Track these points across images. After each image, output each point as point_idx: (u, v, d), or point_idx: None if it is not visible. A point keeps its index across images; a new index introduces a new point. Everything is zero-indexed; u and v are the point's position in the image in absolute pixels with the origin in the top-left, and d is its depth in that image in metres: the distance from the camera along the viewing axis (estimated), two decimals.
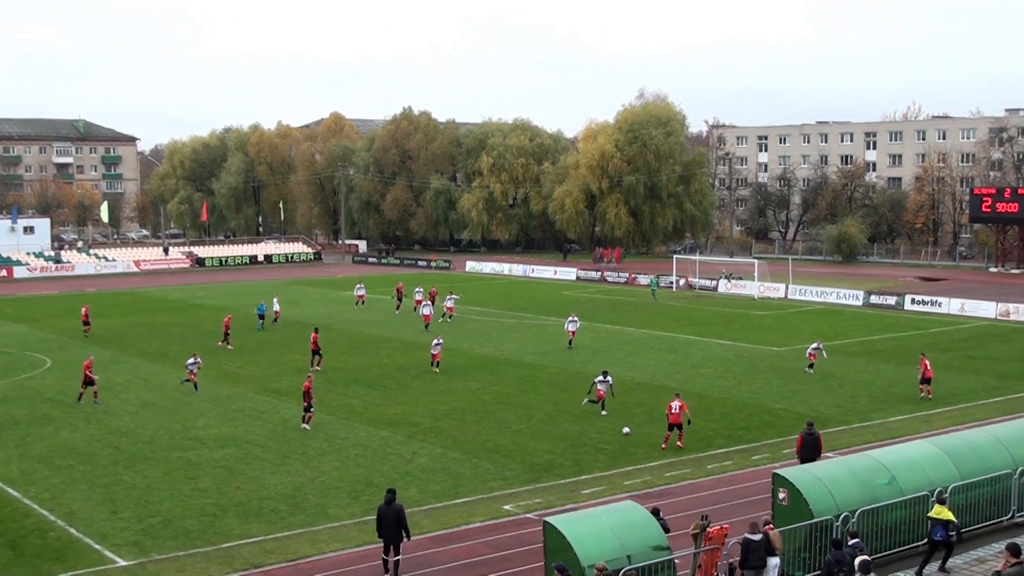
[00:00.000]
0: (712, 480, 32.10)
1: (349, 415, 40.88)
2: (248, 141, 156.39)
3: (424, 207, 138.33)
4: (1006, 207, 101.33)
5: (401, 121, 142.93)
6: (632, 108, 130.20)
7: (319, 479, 32.23)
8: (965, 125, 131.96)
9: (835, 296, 79.87)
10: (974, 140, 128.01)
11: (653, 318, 69.89)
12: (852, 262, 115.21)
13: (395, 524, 24.45)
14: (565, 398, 43.85)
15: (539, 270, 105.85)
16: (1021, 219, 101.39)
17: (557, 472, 32.91)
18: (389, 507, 24.54)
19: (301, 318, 69.72)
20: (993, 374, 49.30)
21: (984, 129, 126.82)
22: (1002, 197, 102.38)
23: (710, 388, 45.90)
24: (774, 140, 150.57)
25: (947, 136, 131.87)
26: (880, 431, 38.00)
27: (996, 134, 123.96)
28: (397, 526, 24.46)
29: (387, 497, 24.76)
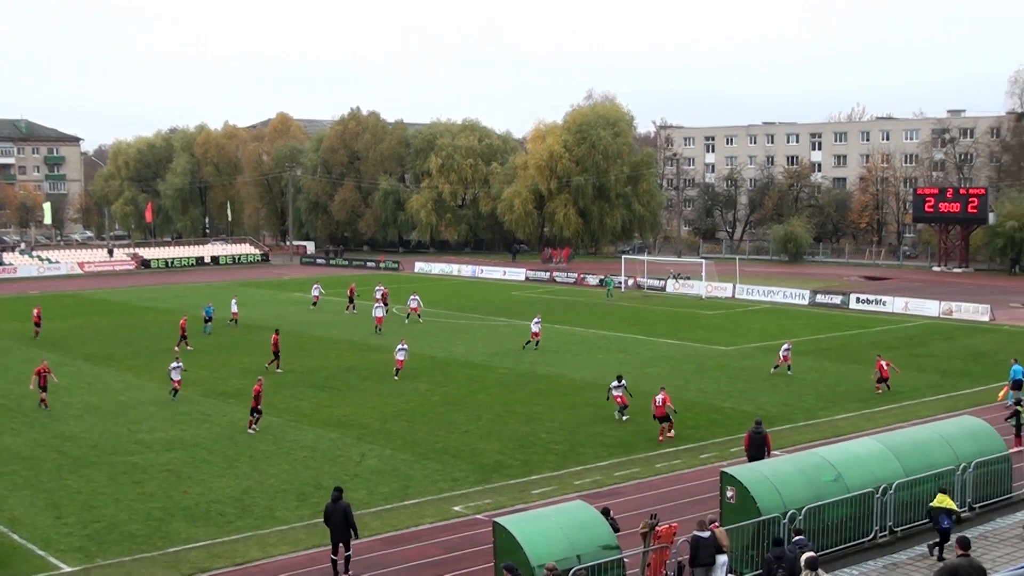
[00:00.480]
0: (661, 479, 32.27)
1: (298, 417, 40.64)
2: (194, 141, 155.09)
3: (373, 208, 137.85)
4: (948, 207, 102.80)
5: (349, 121, 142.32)
6: (580, 109, 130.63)
7: (267, 482, 32.01)
8: (908, 126, 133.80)
9: (782, 295, 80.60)
10: (917, 141, 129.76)
11: (602, 318, 70.14)
12: (798, 262, 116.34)
13: (342, 522, 24.61)
14: (514, 398, 43.89)
15: (488, 271, 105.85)
16: (963, 219, 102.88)
17: (507, 472, 32.93)
18: (336, 505, 24.73)
19: (249, 320, 69.14)
20: (936, 372, 50.00)
21: (927, 130, 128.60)
22: (944, 197, 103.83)
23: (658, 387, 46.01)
24: (721, 141, 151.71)
25: (891, 137, 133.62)
26: (826, 429, 38.40)
27: (938, 135, 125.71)
28: (345, 524, 24.62)
29: (334, 495, 24.97)
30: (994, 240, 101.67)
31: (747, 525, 23.83)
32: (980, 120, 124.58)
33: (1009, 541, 24.65)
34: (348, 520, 24.63)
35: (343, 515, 24.62)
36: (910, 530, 26.28)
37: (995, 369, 50.43)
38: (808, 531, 23.89)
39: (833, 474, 25.82)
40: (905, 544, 25.44)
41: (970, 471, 27.63)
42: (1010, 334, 62.31)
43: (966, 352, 55.80)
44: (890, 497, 25.91)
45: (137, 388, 46.89)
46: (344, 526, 24.64)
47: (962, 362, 52.83)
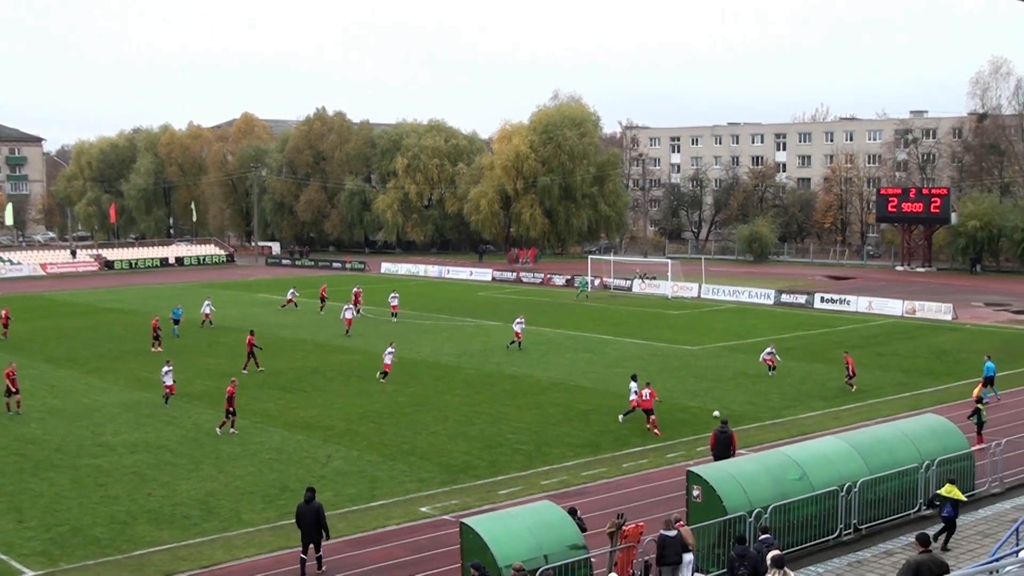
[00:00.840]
0: (628, 478, 32.34)
1: (264, 419, 40.43)
2: (158, 142, 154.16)
3: (338, 208, 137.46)
4: (911, 207, 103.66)
5: (314, 122, 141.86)
6: (546, 109, 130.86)
7: (233, 484, 31.82)
8: (871, 127, 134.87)
9: (747, 295, 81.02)
10: (880, 141, 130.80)
11: (568, 318, 70.24)
12: (763, 261, 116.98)
13: (314, 522, 24.71)
14: (481, 399, 43.87)
15: (455, 271, 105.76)
16: (926, 218, 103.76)
17: (474, 473, 32.90)
18: (308, 505, 24.84)
19: (216, 321, 68.70)
20: (900, 370, 50.41)
21: (890, 131, 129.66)
22: (907, 197, 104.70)
23: (625, 387, 46.06)
24: (686, 141, 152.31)
25: (854, 137, 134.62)
26: (791, 427, 38.62)
27: (901, 135, 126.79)
28: (316, 524, 24.72)
29: (307, 495, 25.07)
30: (956, 240, 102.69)
31: (713, 524, 23.93)
32: (942, 121, 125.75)
33: (972, 538, 24.87)
34: (320, 521, 24.73)
35: (315, 516, 24.72)
36: (874, 528, 26.48)
37: (958, 367, 50.99)
38: (774, 529, 24.01)
39: (798, 473, 25.97)
40: (869, 542, 25.62)
41: (933, 468, 27.86)
42: (972, 333, 62.93)
43: (929, 351, 56.29)
44: (855, 495, 26.09)
45: (101, 390, 46.50)
46: (316, 527, 24.74)
47: (925, 361, 53.29)
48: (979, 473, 29.66)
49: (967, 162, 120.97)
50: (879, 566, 23.31)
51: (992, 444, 30.28)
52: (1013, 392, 44.85)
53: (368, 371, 50.17)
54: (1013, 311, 72.87)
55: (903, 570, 18.19)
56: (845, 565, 23.58)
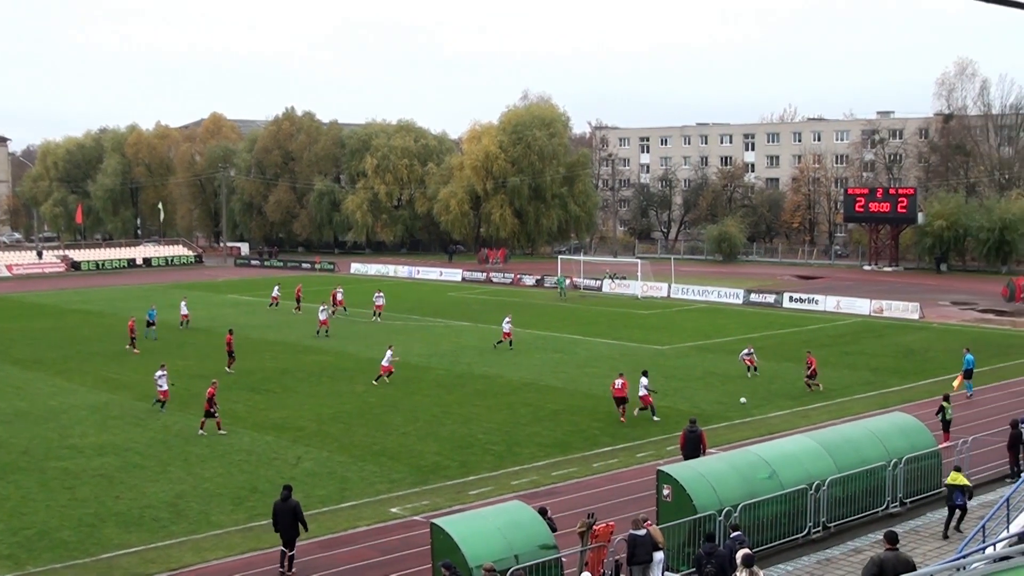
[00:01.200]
0: (598, 478, 32.42)
1: (233, 420, 40.23)
2: (125, 142, 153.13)
3: (308, 209, 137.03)
4: (878, 207, 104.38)
5: (283, 122, 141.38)
6: (516, 109, 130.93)
7: (202, 486, 31.67)
8: (839, 127, 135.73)
9: (716, 295, 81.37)
10: (848, 142, 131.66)
11: (539, 318, 70.31)
12: (732, 261, 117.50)
13: (291, 520, 24.98)
14: (451, 399, 43.86)
15: (424, 271, 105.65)
16: (893, 218, 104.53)
17: (444, 474, 32.89)
18: (285, 503, 25.12)
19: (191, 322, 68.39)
20: (867, 369, 50.77)
21: (857, 131, 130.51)
22: (875, 197, 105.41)
23: (595, 387, 46.34)
24: (656, 141, 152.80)
25: (822, 138, 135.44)
26: (760, 427, 38.82)
27: (868, 136, 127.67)
28: (293, 522, 25.00)
29: (283, 494, 25.37)
30: (923, 239, 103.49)
31: (683, 523, 24.04)
32: (908, 121, 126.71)
33: (939, 535, 25.10)
34: (297, 516, 25.02)
35: (292, 514, 24.97)
36: (843, 525, 26.68)
37: (925, 366, 51.42)
38: (743, 528, 24.16)
39: (768, 471, 26.13)
40: (838, 540, 25.80)
41: (901, 466, 28.10)
42: (939, 331, 63.46)
43: (897, 349, 56.72)
44: (823, 493, 26.27)
45: (68, 392, 46.16)
46: (293, 525, 25.01)
47: (893, 359, 53.69)
48: (946, 471, 29.86)
49: (933, 162, 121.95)
50: (848, 564, 23.48)
51: (959, 442, 30.55)
52: (980, 391, 45.21)
53: (339, 372, 50.07)
54: (979, 310, 73.54)
55: (868, 566, 18.36)
56: (814, 563, 23.74)
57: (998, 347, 56.77)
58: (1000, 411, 40.34)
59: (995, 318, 69.15)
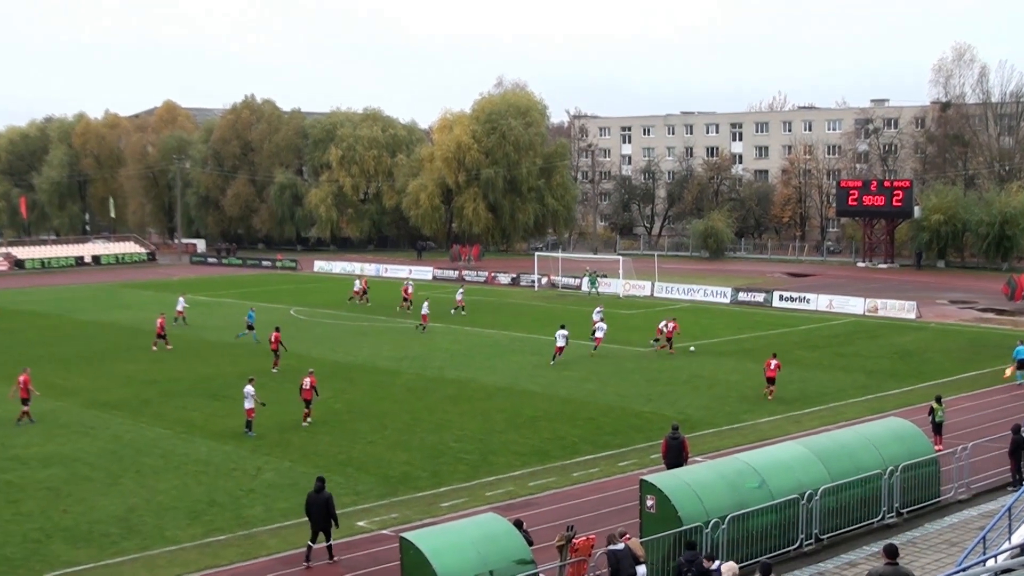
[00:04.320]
0: (578, 488, 32.43)
1: (188, 429, 40.06)
2: (72, 132, 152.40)
3: (268, 203, 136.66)
4: (872, 200, 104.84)
5: (242, 110, 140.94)
6: (490, 97, 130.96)
7: (155, 499, 31.50)
8: (831, 116, 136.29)
9: (702, 293, 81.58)
10: (840, 131, 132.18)
11: (514, 319, 70.31)
12: (719, 258, 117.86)
13: (324, 512, 26.15)
14: (422, 406, 43.79)
15: (393, 270, 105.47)
16: (888, 212, 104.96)
17: (414, 485, 32.83)
18: (319, 495, 26.17)
19: (134, 324, 68.09)
20: (862, 372, 51.00)
21: (850, 120, 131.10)
22: (868, 190, 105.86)
23: (575, 391, 46.39)
24: (638, 131, 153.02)
25: (813, 127, 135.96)
26: (749, 433, 38.93)
27: (862, 125, 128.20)
28: (326, 514, 26.18)
29: (316, 485, 26.39)
30: (919, 234, 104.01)
31: (668, 535, 24.04)
32: (904, 110, 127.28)
33: (938, 547, 25.21)
34: (330, 510, 26.13)
35: (325, 505, 26.07)
36: (837, 537, 26.76)
37: (923, 368, 51.68)
38: (732, 540, 24.22)
39: (757, 480, 26.18)
40: (831, 552, 25.90)
41: (897, 475, 28.21)
42: (937, 332, 63.82)
43: (892, 351, 57.01)
44: (816, 503, 26.34)
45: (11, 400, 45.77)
46: (326, 516, 26.14)
47: (888, 361, 53.96)
48: (944, 479, 30.08)
49: (930, 153, 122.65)
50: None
51: (958, 448, 30.70)
52: (979, 394, 45.54)
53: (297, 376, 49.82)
54: (979, 309, 73.97)
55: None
56: None
57: (999, 348, 57.08)
58: (1001, 416, 40.57)
59: (995, 317, 69.58)
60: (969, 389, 46.46)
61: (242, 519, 29.61)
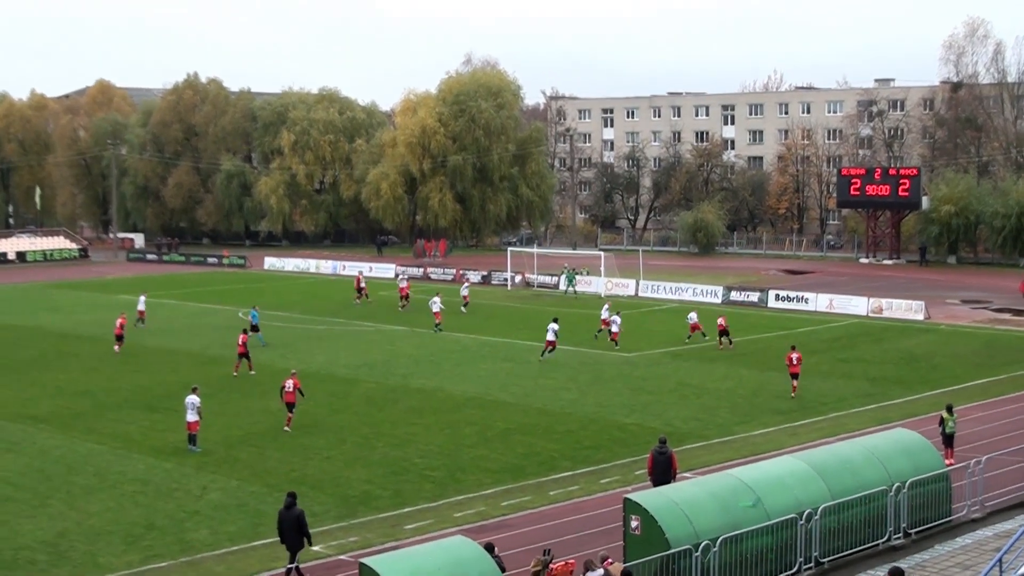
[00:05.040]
0: (556, 508, 32.46)
1: (125, 444, 39.88)
2: None
3: (214, 193, 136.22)
4: (876, 189, 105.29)
5: (184, 90, 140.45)
6: (458, 76, 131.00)
7: (87, 522, 31.33)
8: (831, 97, 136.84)
9: (691, 292, 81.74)
10: (841, 114, 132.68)
11: (485, 321, 70.32)
12: (710, 253, 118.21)
13: (296, 529, 26.37)
14: (384, 418, 43.75)
15: (352, 267, 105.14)
16: (893, 203, 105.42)
17: (375, 505, 32.80)
18: (289, 511, 26.41)
19: (65, 328, 67.72)
20: (865, 378, 51.22)
21: (852, 102, 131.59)
22: (872, 179, 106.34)
23: (551, 402, 46.43)
24: (620, 114, 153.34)
25: (812, 109, 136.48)
26: (742, 446, 39.05)
27: (865, 107, 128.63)
28: (299, 532, 26.39)
29: (287, 501, 26.60)
30: (928, 227, 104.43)
31: (654, 559, 24.08)
32: (911, 90, 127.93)
33: (950, 571, 25.29)
34: (302, 528, 26.32)
35: (296, 522, 26.27)
36: (838, 561, 26.87)
37: (932, 375, 51.93)
38: (724, 564, 24.28)
39: (751, 499, 26.26)
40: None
41: (904, 492, 28.33)
42: (947, 334, 64.19)
43: (899, 355, 57.30)
44: (815, 523, 26.43)
45: None
46: (298, 534, 26.32)
47: (894, 367, 54.22)
48: (956, 496, 30.20)
49: (940, 138, 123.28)
50: None
51: (971, 462, 30.82)
52: (994, 403, 45.82)
53: (251, 386, 49.75)
54: (994, 309, 74.40)
55: None
56: None
57: (1015, 352, 57.53)
58: (1018, 426, 40.87)
59: (1012, 318, 69.99)
60: (983, 397, 46.73)
61: (185, 544, 29.49)
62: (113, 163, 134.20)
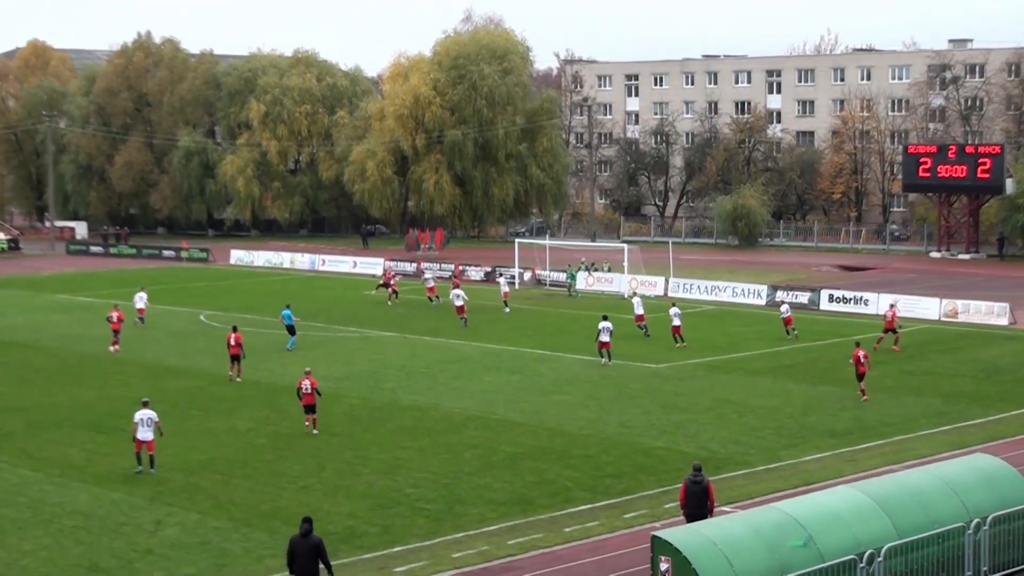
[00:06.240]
0: (571, 548, 32.38)
1: (64, 470, 39.87)
2: None
3: (170, 174, 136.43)
4: (950, 171, 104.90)
5: (135, 52, 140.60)
6: (457, 36, 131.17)
7: (19, 563, 31.32)
8: (896, 61, 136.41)
9: (730, 292, 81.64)
10: (908, 81, 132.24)
11: (489, 327, 70.26)
12: (752, 246, 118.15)
13: (312, 560, 25.96)
14: (370, 439, 43.73)
15: (332, 261, 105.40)
16: (971, 186, 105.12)
17: (359, 543, 32.77)
18: (306, 539, 26.02)
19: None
20: (937, 394, 51.04)
21: (921, 67, 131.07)
22: (945, 157, 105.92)
23: (567, 421, 46.36)
24: (647, 80, 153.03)
25: (872, 76, 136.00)
26: (791, 475, 38.94)
27: (937, 73, 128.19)
28: (315, 563, 25.97)
29: (303, 527, 26.18)
30: (1013, 215, 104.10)
31: None
32: (992, 53, 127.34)
33: None
34: (322, 558, 25.93)
35: (314, 553, 25.86)
36: None
37: (1018, 390, 51.71)
38: None
39: (802, 537, 26.21)
40: None
41: (985, 529, 28.26)
42: None
43: (978, 367, 57.15)
44: (878, 566, 26.38)
45: None
46: (314, 566, 25.88)
47: (972, 381, 54.06)
48: None
49: None
50: None
51: None
52: None
53: (214, 402, 49.76)
54: None
55: None
56: None
57: None
58: None
59: None
60: None
61: None
62: (49, 138, 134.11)
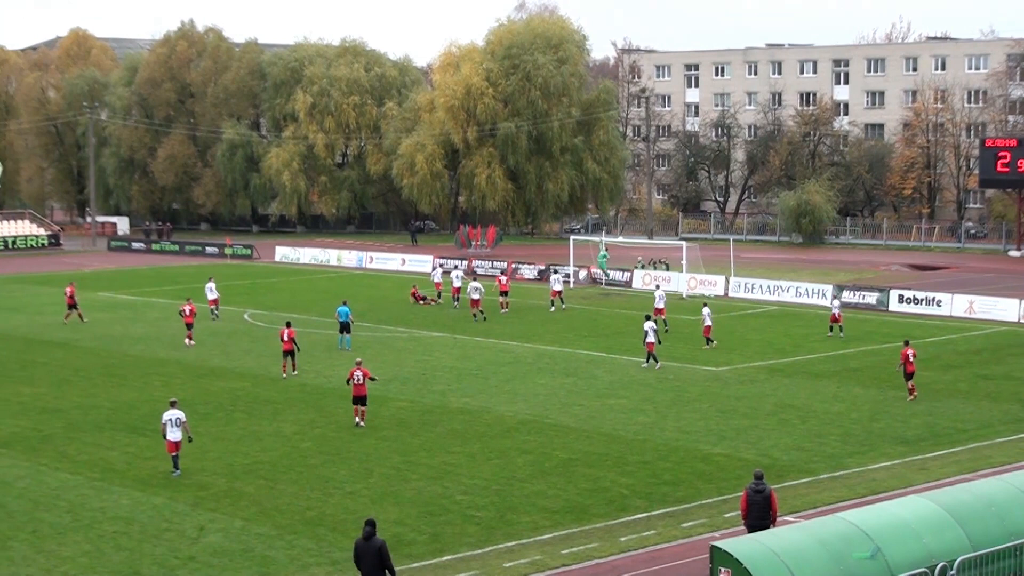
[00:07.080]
0: (627, 558, 32.39)
1: (105, 474, 40.14)
2: None
3: (214, 168, 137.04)
4: None
5: (178, 42, 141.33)
6: (510, 25, 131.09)
7: (58, 569, 31.54)
8: (973, 50, 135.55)
9: (793, 292, 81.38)
10: (986, 71, 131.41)
11: (542, 327, 70.26)
12: (817, 244, 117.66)
13: (377, 564, 26.48)
14: (419, 444, 43.80)
15: (380, 259, 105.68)
16: None
17: (408, 552, 32.84)
18: (368, 543, 26.54)
19: (31, 332, 68.24)
20: (1016, 400, 50.65)
21: (1000, 56, 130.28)
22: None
23: (622, 426, 46.32)
24: (708, 71, 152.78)
25: (947, 65, 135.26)
26: (858, 484, 38.80)
27: (1017, 62, 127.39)
28: (380, 566, 26.50)
29: (366, 531, 26.77)
30: None
31: None
32: None
33: None
34: (384, 560, 26.45)
35: (377, 555, 26.41)
36: None
37: None
38: None
39: (869, 548, 26.13)
40: None
41: None
42: None
43: None
44: None
45: None
46: (379, 568, 26.42)
47: None
48: None
49: None
50: None
51: None
52: None
53: (258, 404, 49.99)
54: None
55: None
56: None
57: None
58: None
59: None
60: None
61: None
62: (91, 130, 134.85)
